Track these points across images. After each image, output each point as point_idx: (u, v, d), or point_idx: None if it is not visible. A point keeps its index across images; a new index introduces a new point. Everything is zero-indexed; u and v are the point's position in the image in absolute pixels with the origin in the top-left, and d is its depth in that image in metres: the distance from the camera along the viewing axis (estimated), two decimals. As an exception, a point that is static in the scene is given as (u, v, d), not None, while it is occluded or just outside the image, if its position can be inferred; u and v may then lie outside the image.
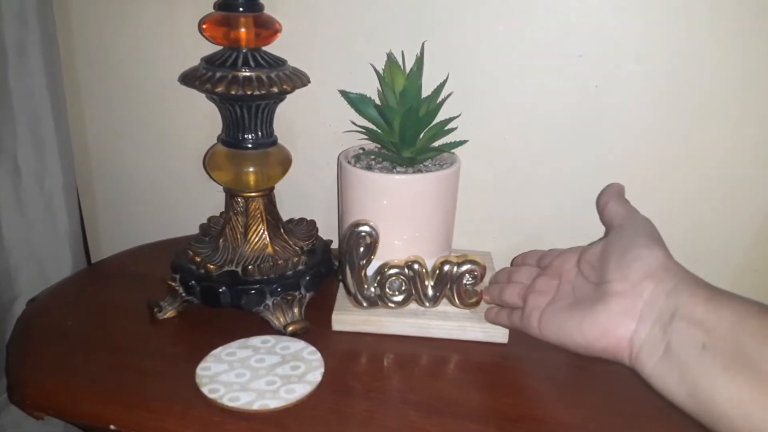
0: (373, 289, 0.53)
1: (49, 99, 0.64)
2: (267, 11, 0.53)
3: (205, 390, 0.46)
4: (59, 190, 0.66)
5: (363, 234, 0.51)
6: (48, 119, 0.64)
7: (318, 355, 0.50)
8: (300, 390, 0.46)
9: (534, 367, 0.51)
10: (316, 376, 0.48)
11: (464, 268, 0.53)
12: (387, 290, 0.54)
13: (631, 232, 0.44)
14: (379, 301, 0.54)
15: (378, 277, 0.53)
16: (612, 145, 0.61)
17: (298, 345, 0.51)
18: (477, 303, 0.54)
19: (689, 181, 0.61)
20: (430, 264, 0.54)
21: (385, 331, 0.54)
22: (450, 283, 0.53)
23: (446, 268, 0.53)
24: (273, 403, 0.45)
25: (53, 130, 0.65)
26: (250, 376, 0.47)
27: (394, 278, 0.53)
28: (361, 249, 0.52)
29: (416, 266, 0.53)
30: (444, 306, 0.55)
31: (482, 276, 0.53)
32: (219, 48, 0.53)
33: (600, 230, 0.60)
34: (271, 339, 0.52)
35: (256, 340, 0.52)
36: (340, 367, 0.50)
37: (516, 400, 0.47)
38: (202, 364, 0.49)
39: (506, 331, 0.53)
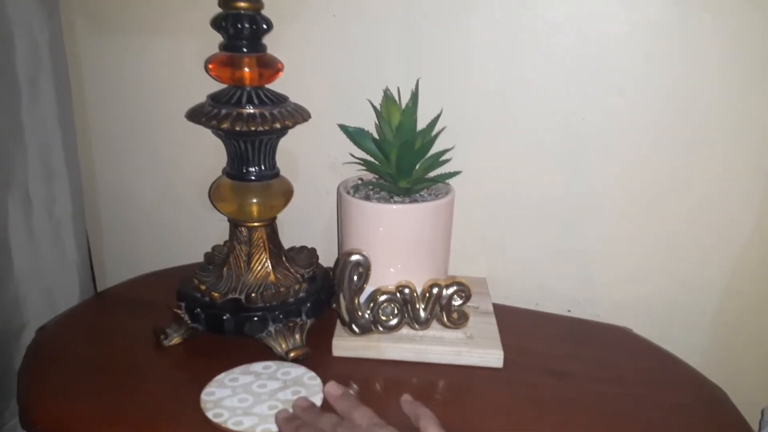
0: (367, 316, 0.55)
1: (60, 131, 0.66)
2: (269, 50, 0.56)
3: (210, 415, 0.47)
4: (68, 219, 0.68)
5: (356, 263, 0.53)
6: (58, 150, 0.67)
7: (318, 381, 0.52)
8: None
9: (528, 391, 0.53)
10: (316, 401, 0.49)
11: (452, 289, 0.55)
12: (381, 316, 0.56)
13: None
14: (372, 326, 0.56)
15: (371, 304, 0.55)
16: (599, 175, 0.63)
17: (299, 371, 0.53)
18: (465, 323, 0.56)
19: (674, 210, 0.63)
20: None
21: (384, 356, 0.56)
22: (440, 304, 0.55)
23: (435, 290, 0.55)
24: (275, 428, 0.46)
25: (63, 161, 0.67)
26: (253, 401, 0.49)
27: (386, 304, 0.55)
28: (354, 277, 0.54)
29: (407, 291, 0.55)
30: (440, 331, 0.57)
31: (468, 296, 0.55)
32: (224, 86, 0.56)
33: (588, 258, 0.62)
34: (272, 365, 0.54)
35: (258, 366, 0.54)
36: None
37: (510, 424, 0.49)
38: (206, 390, 0.50)
39: (501, 356, 0.55)
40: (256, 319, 0.55)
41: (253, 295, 0.56)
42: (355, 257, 0.53)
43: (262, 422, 0.47)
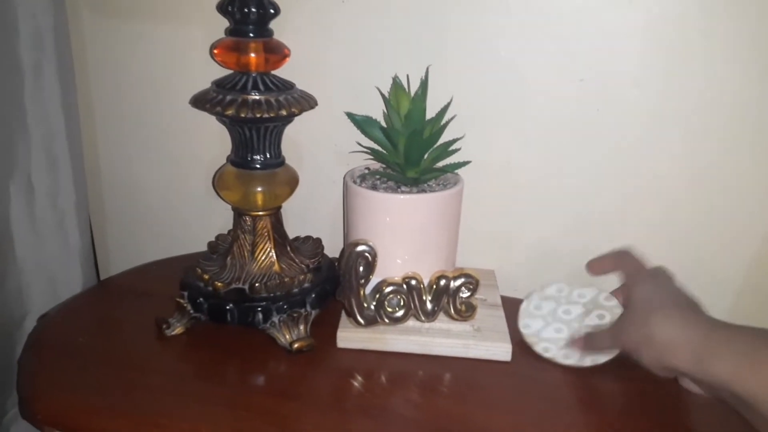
0: (372, 307, 0.54)
1: (64, 119, 0.66)
2: (276, 36, 0.55)
3: (538, 349, 0.54)
4: (72, 208, 0.68)
5: (362, 253, 0.52)
6: (62, 138, 0.66)
7: (614, 301, 0.54)
8: None
9: (536, 385, 0.52)
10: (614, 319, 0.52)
11: (460, 281, 0.54)
12: (387, 307, 0.55)
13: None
14: (378, 318, 0.55)
15: (377, 295, 0.54)
16: (613, 167, 0.62)
17: (592, 292, 0.56)
18: (473, 315, 0.55)
19: (688, 208, 0.62)
20: (431, 281, 0.55)
21: (389, 348, 0.55)
22: (447, 296, 0.54)
23: (443, 282, 0.54)
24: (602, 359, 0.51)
25: (67, 149, 0.66)
26: (567, 330, 0.54)
27: (392, 295, 0.54)
28: (360, 268, 0.53)
29: (413, 282, 0.54)
30: (447, 323, 0.56)
31: (476, 288, 0.54)
32: (229, 71, 0.55)
33: (599, 250, 0.61)
34: (564, 287, 0.57)
35: (551, 290, 0.57)
36: (344, 384, 0.51)
37: (517, 419, 0.48)
38: (521, 322, 0.56)
39: (509, 350, 0.54)
40: (259, 309, 0.55)
41: (256, 285, 0.55)
42: (361, 248, 0.52)
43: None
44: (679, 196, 0.61)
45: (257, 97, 0.52)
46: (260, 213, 0.57)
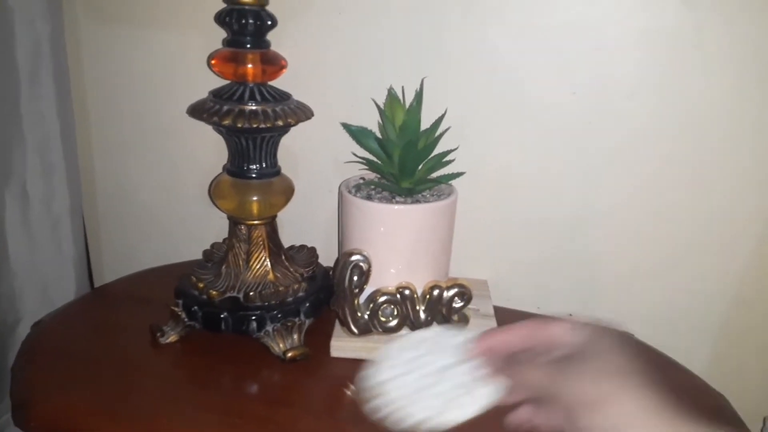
0: (366, 316, 0.55)
1: (59, 125, 0.66)
2: (273, 48, 0.55)
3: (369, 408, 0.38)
4: (66, 214, 0.68)
5: (356, 263, 0.53)
6: (57, 145, 0.66)
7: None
8: (473, 404, 0.38)
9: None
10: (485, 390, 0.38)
11: (453, 291, 0.54)
12: (380, 317, 0.55)
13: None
14: (371, 327, 0.55)
15: (370, 305, 0.55)
16: (605, 179, 0.63)
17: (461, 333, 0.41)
18: (466, 325, 0.56)
19: (680, 216, 0.63)
20: (424, 291, 0.56)
21: (383, 357, 0.55)
22: (440, 306, 0.55)
23: (436, 292, 0.54)
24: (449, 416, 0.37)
25: (62, 156, 0.67)
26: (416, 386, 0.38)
27: (386, 305, 0.55)
28: (355, 278, 0.53)
29: (407, 292, 0.54)
30: (440, 334, 0.56)
31: (469, 298, 0.55)
32: (226, 81, 0.55)
33: (591, 262, 0.62)
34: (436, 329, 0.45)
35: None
36: (337, 393, 0.51)
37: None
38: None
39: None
40: (254, 318, 0.55)
41: (251, 293, 0.55)
42: (355, 257, 0.53)
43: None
44: (674, 205, 0.62)
45: (254, 108, 0.53)
46: (256, 222, 0.58)
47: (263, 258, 0.58)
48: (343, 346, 0.56)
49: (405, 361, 0.40)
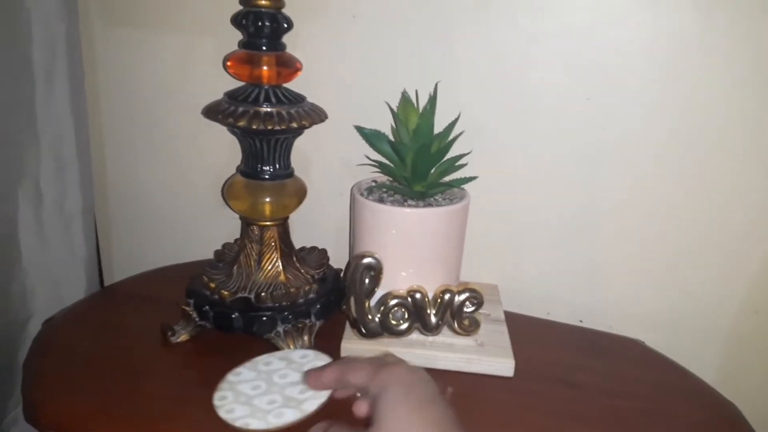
0: (377, 319, 0.55)
1: (73, 125, 0.66)
2: (288, 50, 0.56)
3: (216, 396, 0.47)
4: (78, 213, 0.68)
5: (367, 266, 0.53)
6: (71, 144, 0.67)
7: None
8: (289, 416, 0.45)
9: (538, 401, 0.52)
10: (311, 405, 0.46)
11: (464, 296, 0.54)
12: (391, 320, 0.55)
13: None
14: (382, 330, 0.55)
15: (381, 308, 0.55)
16: (617, 185, 0.63)
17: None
18: (476, 330, 0.55)
19: (690, 223, 0.62)
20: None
21: (393, 361, 0.55)
22: (451, 311, 0.55)
23: (447, 296, 0.54)
24: (255, 424, 0.45)
25: (75, 155, 0.67)
26: (265, 389, 0.48)
27: (396, 308, 0.55)
28: (366, 280, 0.53)
29: (418, 296, 0.54)
30: (450, 338, 0.56)
31: (481, 303, 0.55)
32: (241, 83, 0.56)
33: (601, 268, 0.62)
34: (309, 353, 0.53)
35: (297, 354, 0.53)
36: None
37: (520, 434, 0.48)
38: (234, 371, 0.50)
39: (512, 365, 0.54)
40: (264, 318, 0.55)
41: (262, 294, 0.55)
42: (367, 260, 0.53)
43: (249, 416, 0.46)
44: (688, 214, 0.62)
45: (269, 110, 0.53)
46: (268, 223, 0.58)
47: (275, 259, 0.58)
48: (353, 348, 0.56)
49: (264, 371, 0.50)
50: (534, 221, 0.65)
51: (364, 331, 0.55)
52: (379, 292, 0.54)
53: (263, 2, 0.52)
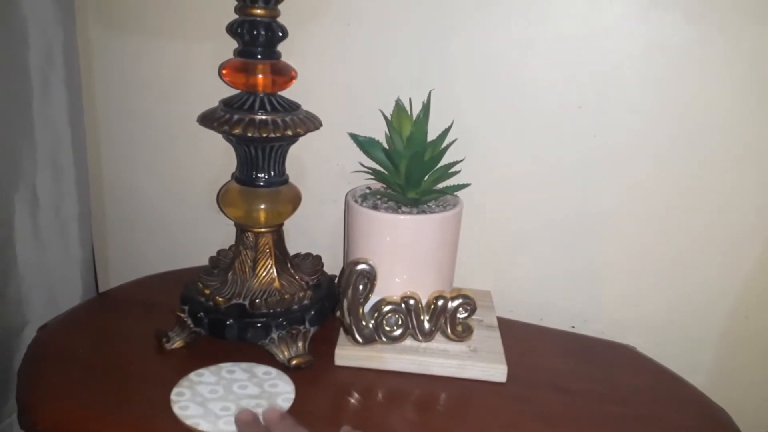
0: (371, 325, 0.55)
1: (70, 131, 0.67)
2: (283, 58, 0.56)
3: (174, 392, 0.50)
4: (74, 218, 0.68)
5: (362, 272, 0.53)
6: (68, 150, 0.67)
7: (289, 405, 0.50)
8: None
9: (531, 406, 0.53)
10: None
11: (457, 302, 0.55)
12: (385, 326, 0.55)
13: None
14: (376, 336, 0.55)
15: (375, 314, 0.55)
16: (608, 193, 0.63)
17: (286, 388, 0.52)
18: (470, 336, 0.56)
19: (682, 229, 0.63)
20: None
21: (387, 367, 0.56)
22: (444, 317, 0.55)
23: (440, 302, 0.55)
24: (204, 426, 0.46)
25: (72, 161, 0.67)
26: (221, 395, 0.50)
27: (390, 314, 0.55)
28: (360, 287, 0.54)
29: (412, 302, 0.55)
30: (444, 344, 0.56)
31: (474, 310, 0.55)
32: (235, 91, 0.56)
33: (594, 274, 0.62)
34: (273, 372, 0.54)
35: (261, 369, 0.54)
36: (341, 401, 0.52)
37: (512, 440, 0.49)
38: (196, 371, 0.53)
39: (505, 371, 0.55)
40: (259, 325, 0.55)
41: (257, 301, 0.56)
42: (361, 266, 0.53)
43: (202, 418, 0.48)
44: (678, 223, 0.63)
45: (264, 117, 0.53)
46: (263, 230, 0.58)
47: (269, 265, 0.59)
48: (347, 354, 0.56)
49: (226, 378, 0.52)
50: (526, 228, 0.66)
51: (358, 337, 0.55)
52: (373, 299, 0.55)
53: (258, 11, 0.52)
